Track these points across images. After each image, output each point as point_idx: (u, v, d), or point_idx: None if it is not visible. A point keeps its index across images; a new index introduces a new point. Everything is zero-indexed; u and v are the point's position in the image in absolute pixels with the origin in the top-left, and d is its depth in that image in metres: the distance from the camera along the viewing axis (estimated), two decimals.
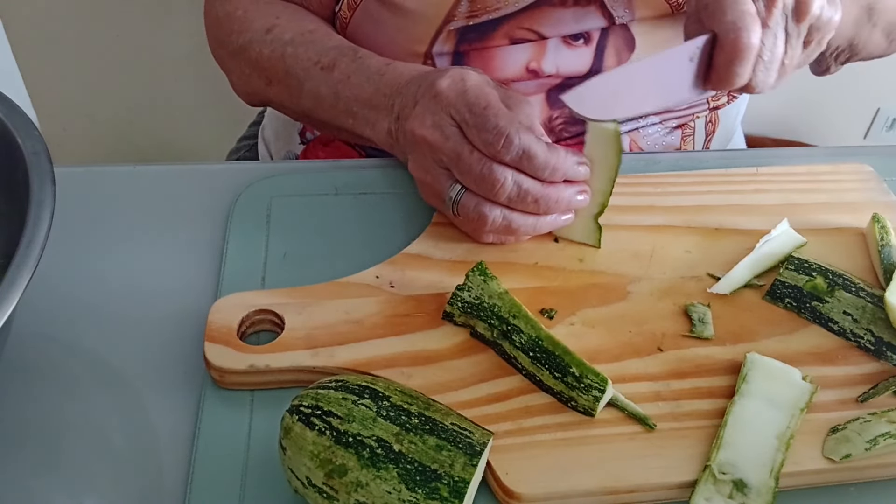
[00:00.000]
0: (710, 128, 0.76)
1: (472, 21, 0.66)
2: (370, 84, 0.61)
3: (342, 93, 0.62)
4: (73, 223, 0.56)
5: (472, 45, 0.67)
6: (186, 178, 0.62)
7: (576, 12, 0.66)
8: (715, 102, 0.75)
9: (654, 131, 0.74)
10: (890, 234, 0.55)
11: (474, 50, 0.68)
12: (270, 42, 0.67)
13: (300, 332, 0.48)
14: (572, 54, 0.69)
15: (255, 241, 0.56)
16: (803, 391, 0.46)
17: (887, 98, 1.69)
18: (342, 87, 0.62)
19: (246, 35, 0.68)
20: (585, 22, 0.67)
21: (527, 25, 0.67)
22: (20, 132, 0.46)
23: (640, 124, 0.74)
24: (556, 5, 0.66)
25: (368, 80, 0.61)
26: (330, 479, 0.38)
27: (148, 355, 0.50)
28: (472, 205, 0.52)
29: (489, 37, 0.67)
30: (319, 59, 0.64)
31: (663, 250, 0.55)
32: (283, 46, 0.66)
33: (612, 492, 0.43)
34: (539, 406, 0.46)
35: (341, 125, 0.63)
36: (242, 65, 0.69)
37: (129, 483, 0.44)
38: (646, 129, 0.74)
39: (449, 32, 0.67)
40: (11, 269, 0.40)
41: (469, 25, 0.66)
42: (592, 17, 0.67)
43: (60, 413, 0.47)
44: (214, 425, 0.46)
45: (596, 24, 0.67)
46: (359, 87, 0.61)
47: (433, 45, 0.68)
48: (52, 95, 1.51)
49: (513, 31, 0.67)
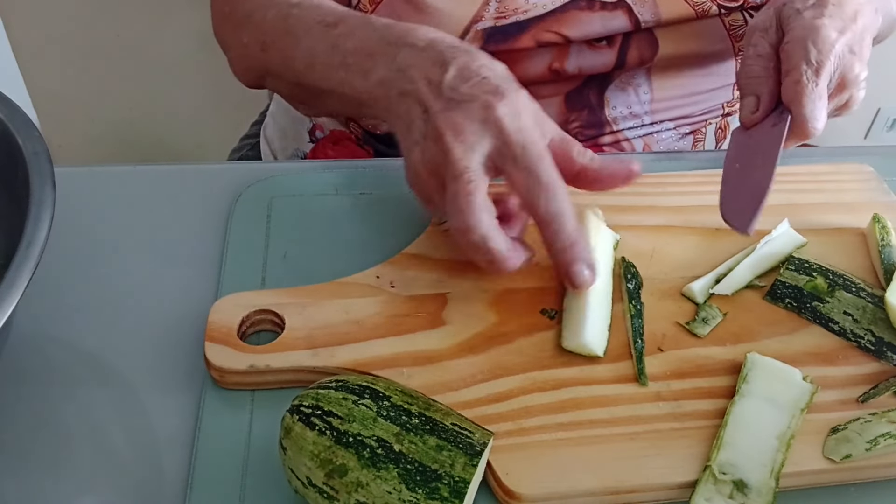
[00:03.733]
0: (720, 134, 0.77)
1: (500, 22, 0.66)
2: (375, 34, 0.57)
3: (341, 45, 0.58)
4: (73, 223, 0.56)
5: (498, 47, 0.67)
6: (186, 178, 0.62)
7: (603, 16, 0.67)
8: (729, 108, 0.75)
9: (668, 136, 0.75)
10: (890, 234, 0.55)
11: (500, 52, 0.67)
12: (276, 5, 0.64)
13: (300, 332, 0.48)
14: (595, 55, 0.69)
15: (255, 241, 0.56)
16: (804, 391, 0.46)
17: (887, 98, 1.69)
18: (342, 40, 0.58)
19: (253, 1, 0.66)
20: (611, 25, 0.67)
21: (554, 29, 0.67)
22: (20, 133, 0.46)
23: (656, 129, 0.74)
24: (583, 9, 0.66)
25: (375, 31, 0.57)
26: (330, 479, 0.38)
27: (148, 355, 0.50)
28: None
29: (516, 39, 0.67)
30: (324, 18, 0.61)
31: (663, 250, 0.55)
32: (288, 8, 0.63)
33: (612, 492, 0.43)
34: (539, 406, 0.46)
35: (331, 83, 0.59)
36: (242, 34, 0.67)
37: (129, 483, 0.44)
38: (660, 134, 0.74)
39: (476, 33, 0.67)
40: (11, 270, 0.40)
41: (496, 27, 0.66)
42: (618, 21, 0.67)
43: (60, 413, 0.47)
44: (214, 425, 0.46)
45: (621, 28, 0.67)
46: (362, 39, 0.58)
47: None
48: (52, 96, 1.51)
49: (539, 34, 0.67)
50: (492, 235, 0.47)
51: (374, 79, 0.55)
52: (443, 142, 0.49)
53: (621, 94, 0.71)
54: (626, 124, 0.73)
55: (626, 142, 0.73)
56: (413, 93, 0.52)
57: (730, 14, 0.67)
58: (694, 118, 0.74)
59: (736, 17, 0.68)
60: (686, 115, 0.73)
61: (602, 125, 0.72)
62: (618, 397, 0.47)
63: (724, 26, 0.68)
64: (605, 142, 0.72)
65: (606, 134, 0.73)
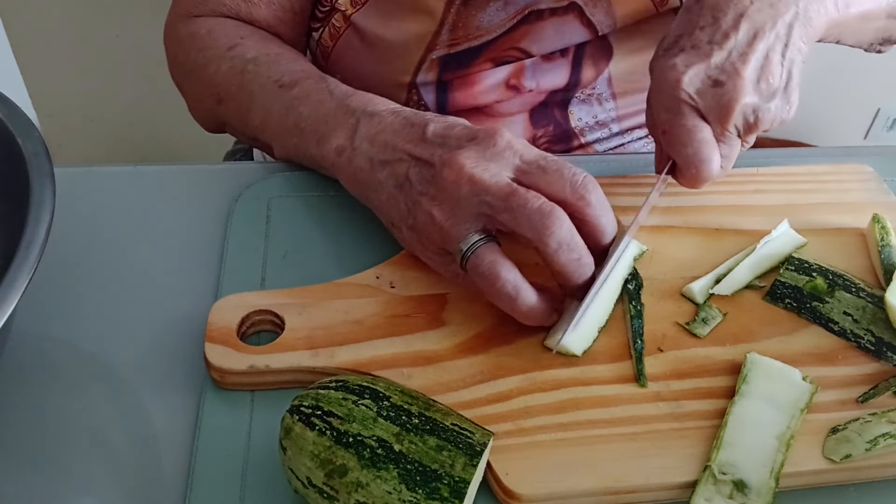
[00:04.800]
0: None
1: (454, 49, 0.66)
2: (332, 101, 0.57)
3: (296, 108, 0.58)
4: (73, 223, 0.56)
5: (454, 74, 0.67)
6: (186, 178, 0.62)
7: (555, 23, 0.66)
8: None
9: (640, 145, 0.74)
10: (890, 235, 0.55)
11: (457, 78, 0.67)
12: (231, 59, 0.63)
13: (300, 333, 0.48)
14: (550, 67, 0.68)
15: (254, 241, 0.56)
16: (803, 391, 0.46)
17: (887, 98, 1.69)
18: (298, 103, 0.58)
19: (207, 52, 0.65)
20: (567, 35, 0.67)
21: (510, 45, 0.67)
22: (20, 133, 0.46)
23: (627, 139, 0.74)
24: (533, 22, 0.66)
25: (332, 98, 0.57)
26: (330, 479, 0.38)
27: (148, 355, 0.50)
28: (489, 259, 0.47)
29: (471, 64, 0.67)
30: (280, 78, 0.60)
31: (663, 250, 0.55)
32: (243, 63, 0.62)
33: (612, 492, 0.43)
34: (539, 406, 0.46)
35: (285, 146, 0.59)
36: (196, 84, 0.66)
37: (129, 483, 0.44)
38: (632, 144, 0.74)
39: (432, 61, 0.67)
40: (11, 270, 0.40)
41: (451, 54, 0.66)
42: (573, 28, 0.66)
43: (60, 413, 0.47)
44: (214, 425, 0.46)
45: (578, 37, 0.67)
46: (318, 104, 0.57)
47: (417, 75, 0.68)
48: (52, 96, 1.51)
49: (495, 54, 0.67)
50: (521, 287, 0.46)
51: (328, 147, 0.55)
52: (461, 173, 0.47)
53: (584, 106, 0.71)
54: (593, 135, 0.73)
55: (597, 155, 0.73)
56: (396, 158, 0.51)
57: None
58: None
59: None
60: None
61: (570, 138, 0.72)
62: (618, 397, 0.47)
63: None
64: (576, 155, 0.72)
65: (575, 147, 0.73)
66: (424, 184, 0.49)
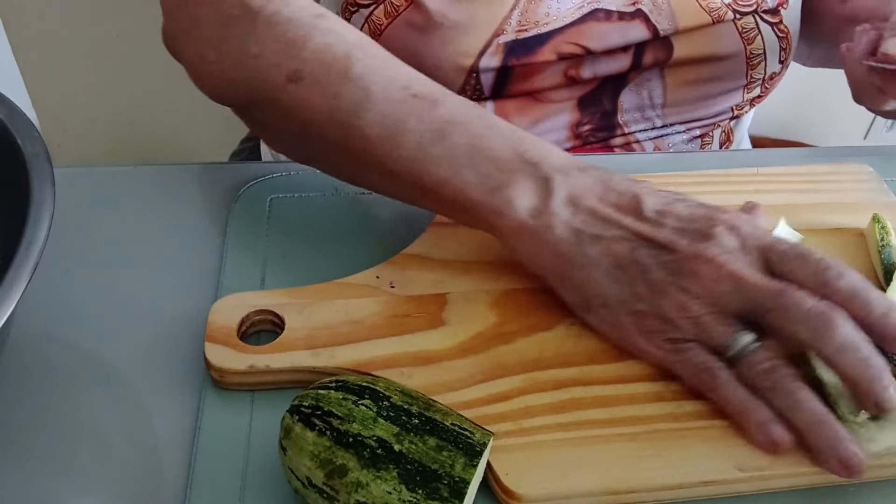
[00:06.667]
0: (724, 137, 0.77)
1: (521, 35, 0.66)
2: (497, 139, 0.49)
3: (448, 135, 0.48)
4: (73, 223, 0.56)
5: (519, 60, 0.66)
6: (186, 178, 0.62)
7: (621, 26, 0.67)
8: (737, 111, 0.75)
9: (678, 139, 0.75)
10: (890, 235, 0.55)
11: (521, 65, 0.67)
12: (324, 33, 0.51)
13: (300, 333, 0.48)
14: (610, 61, 0.69)
15: (254, 241, 0.56)
16: None
17: None
18: (450, 129, 0.49)
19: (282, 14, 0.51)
20: (630, 35, 0.67)
21: (573, 40, 0.67)
22: (20, 134, 0.46)
23: (666, 132, 0.74)
24: (601, 20, 0.66)
25: (494, 134, 0.49)
26: (330, 479, 0.38)
27: (148, 355, 0.50)
28: (768, 362, 0.44)
29: (537, 52, 0.67)
30: (409, 85, 0.50)
31: None
32: (346, 47, 0.51)
33: (612, 492, 0.43)
34: (539, 406, 0.46)
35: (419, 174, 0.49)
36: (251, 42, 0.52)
37: (128, 483, 0.44)
38: (671, 137, 0.74)
39: (498, 46, 0.66)
40: (11, 270, 0.40)
41: (518, 40, 0.66)
42: (636, 31, 0.67)
43: (60, 413, 0.47)
44: (214, 425, 0.46)
45: (640, 37, 0.68)
46: (478, 138, 0.48)
47: (480, 59, 0.66)
48: (52, 96, 1.51)
49: (560, 45, 0.67)
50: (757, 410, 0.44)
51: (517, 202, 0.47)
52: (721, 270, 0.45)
53: (635, 97, 0.72)
54: (637, 126, 0.73)
55: (637, 143, 0.73)
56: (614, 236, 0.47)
57: (742, 18, 0.68)
58: (704, 121, 0.74)
59: (748, 20, 0.68)
60: (697, 119, 0.74)
61: (613, 127, 0.73)
62: (618, 397, 0.47)
63: (737, 30, 0.68)
64: (616, 143, 0.73)
65: (618, 136, 0.73)
66: (668, 272, 0.46)
